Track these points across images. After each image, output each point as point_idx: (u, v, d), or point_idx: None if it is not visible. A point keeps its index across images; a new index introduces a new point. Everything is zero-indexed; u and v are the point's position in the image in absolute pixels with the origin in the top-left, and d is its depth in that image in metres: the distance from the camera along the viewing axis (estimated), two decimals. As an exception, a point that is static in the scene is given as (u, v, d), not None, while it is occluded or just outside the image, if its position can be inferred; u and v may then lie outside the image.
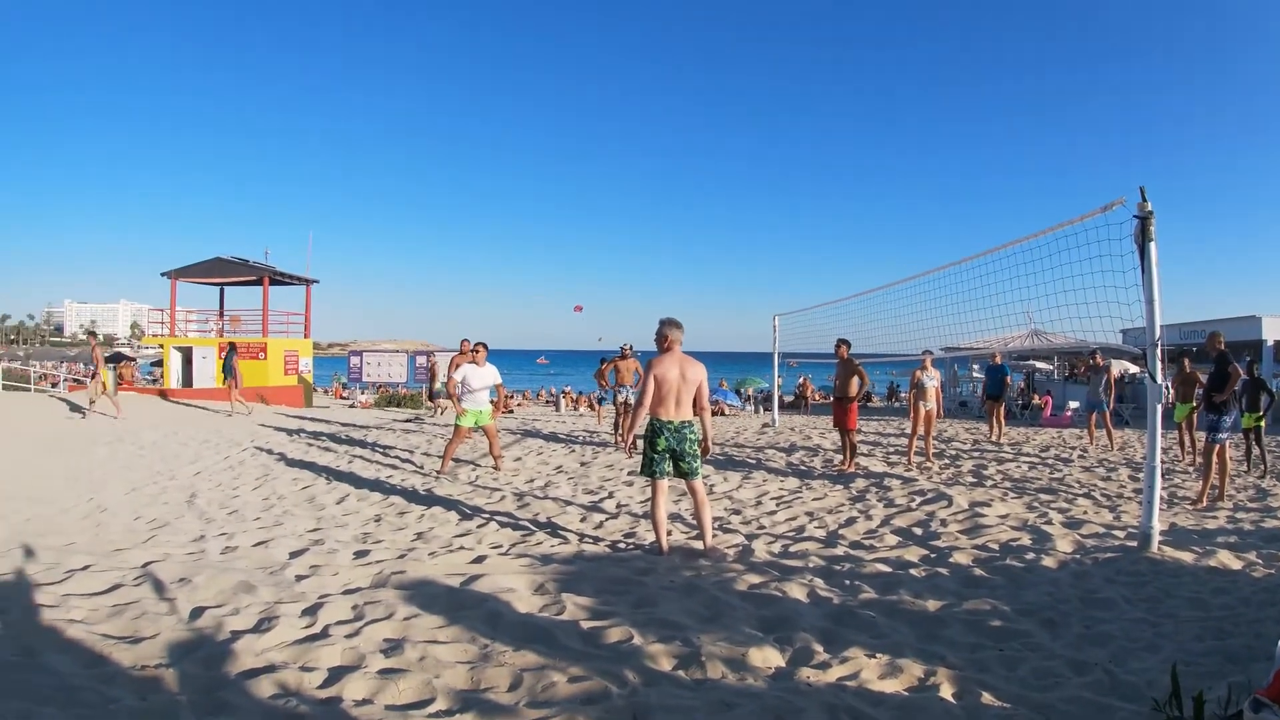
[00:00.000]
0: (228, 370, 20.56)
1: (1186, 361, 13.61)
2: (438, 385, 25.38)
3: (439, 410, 24.13)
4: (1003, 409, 16.96)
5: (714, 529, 7.04)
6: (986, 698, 3.80)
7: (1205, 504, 9.06)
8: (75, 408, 18.55)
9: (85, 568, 5.89)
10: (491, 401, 11.20)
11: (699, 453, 6.68)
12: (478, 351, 11.16)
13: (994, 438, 16.33)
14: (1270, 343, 23.74)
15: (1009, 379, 18.05)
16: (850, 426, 11.57)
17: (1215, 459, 9.19)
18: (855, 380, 11.78)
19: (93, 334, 22.42)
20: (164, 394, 26.16)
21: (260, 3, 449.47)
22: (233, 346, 21.72)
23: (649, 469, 6.67)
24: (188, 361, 28.70)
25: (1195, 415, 13.05)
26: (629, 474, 10.69)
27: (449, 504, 8.72)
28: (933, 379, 12.62)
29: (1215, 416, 9.23)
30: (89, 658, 4.13)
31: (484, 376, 11.04)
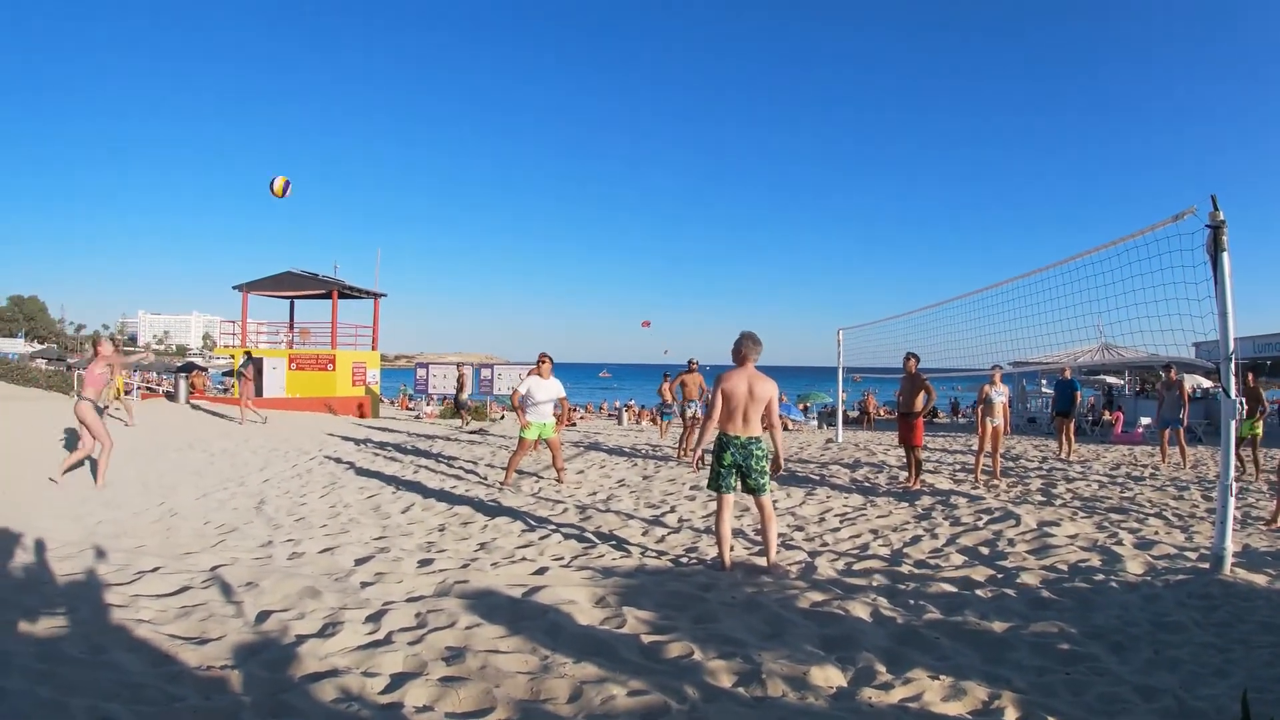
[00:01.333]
0: (239, 378, 20.82)
1: (1251, 375, 13.20)
2: (464, 396, 25.39)
3: (465, 422, 24.15)
4: (1072, 425, 16.61)
5: (777, 546, 6.99)
6: (1052, 723, 3.73)
7: None
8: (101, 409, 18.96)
9: (155, 570, 6.04)
10: (555, 415, 11.25)
11: (766, 469, 6.61)
12: (541, 364, 11.23)
13: (1063, 455, 16.04)
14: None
15: (1078, 394, 17.66)
16: (916, 443, 11.41)
17: None
18: (922, 395, 11.62)
19: (112, 339, 22.69)
20: (190, 402, 26.63)
21: (330, 19, 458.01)
22: (248, 355, 22.10)
23: (715, 483, 6.67)
24: (258, 372, 29.30)
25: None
26: (691, 488, 10.68)
27: (512, 515, 8.77)
28: (1001, 394, 12.42)
29: None
30: (156, 657, 4.23)
31: (548, 389, 11.11)
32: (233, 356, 30.70)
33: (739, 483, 6.60)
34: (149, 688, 3.76)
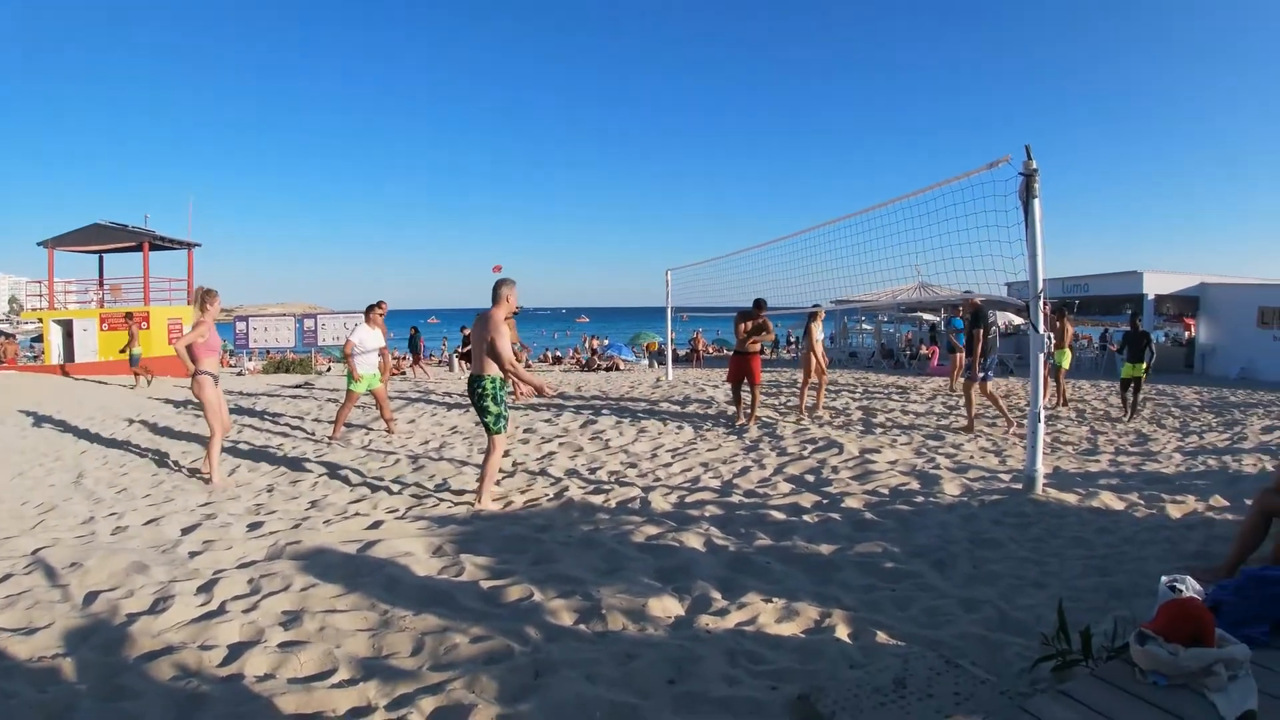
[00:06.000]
0: None
1: (1064, 313, 14.25)
2: (136, 350, 22.19)
3: (137, 381, 21.98)
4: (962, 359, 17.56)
5: (490, 490, 7.04)
6: (881, 636, 3.93)
7: (1014, 429, 10.70)
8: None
9: (-28, 560, 5.65)
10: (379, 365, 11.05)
11: (489, 408, 6.81)
12: (374, 311, 11.04)
13: (952, 387, 17.00)
14: (1151, 297, 24.86)
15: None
16: (756, 380, 11.65)
17: (979, 395, 10.85)
18: (762, 334, 11.85)
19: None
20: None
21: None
22: None
23: None
24: (69, 335, 27.52)
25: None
26: (525, 431, 10.70)
27: (342, 470, 8.58)
28: (821, 332, 12.99)
29: (973, 360, 10.80)
30: (-17, 653, 3.98)
31: (376, 338, 10.92)
32: (40, 321, 28.65)
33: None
34: (-20, 686, 3.55)
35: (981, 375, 10.87)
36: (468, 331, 22.00)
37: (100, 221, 28.64)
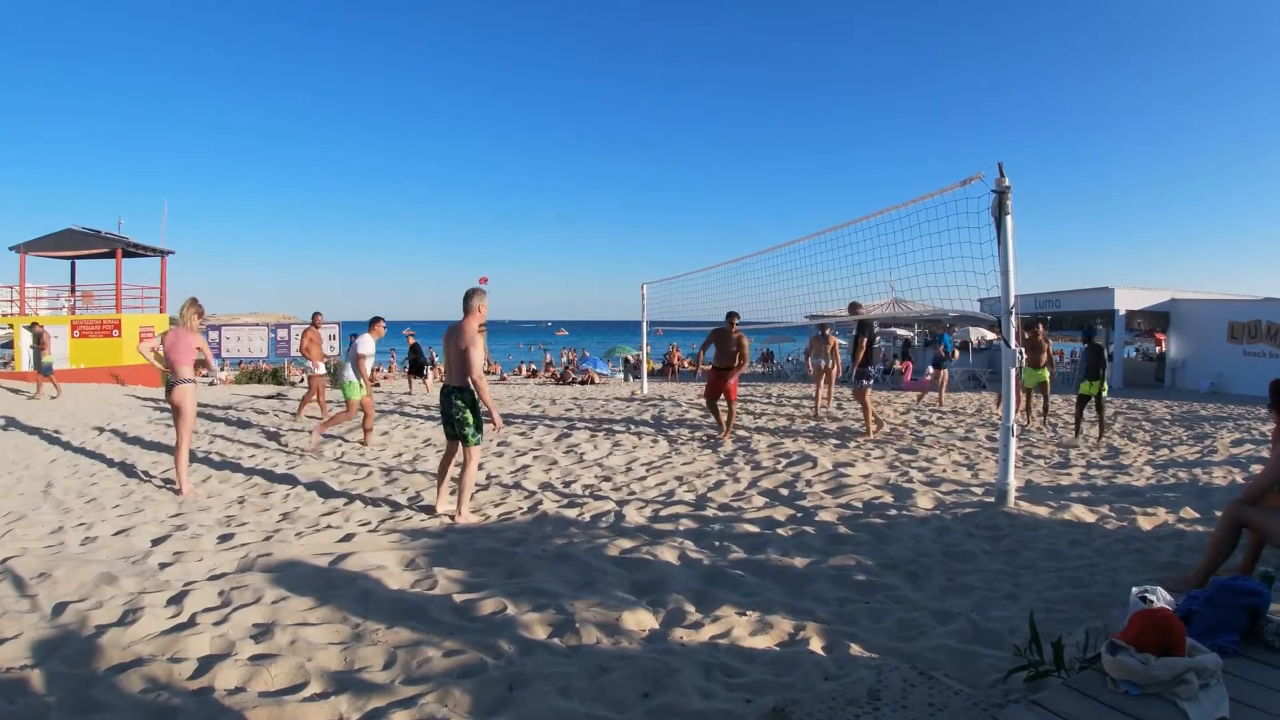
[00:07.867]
0: None
1: (1040, 328, 14.25)
2: (48, 359, 19.94)
3: (47, 390, 19.94)
4: (945, 374, 18.15)
5: (469, 501, 7.09)
6: (855, 649, 3.94)
7: (872, 436, 11.56)
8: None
9: (-61, 569, 5.55)
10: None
11: (467, 419, 6.85)
12: (378, 323, 11.15)
13: (926, 401, 17.59)
14: (1122, 312, 25.12)
15: (944, 348, 19.02)
16: (733, 396, 11.63)
17: (866, 399, 11.80)
18: (739, 352, 11.85)
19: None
20: None
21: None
22: None
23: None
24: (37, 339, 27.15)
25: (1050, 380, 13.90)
26: (500, 445, 10.66)
27: (315, 482, 8.52)
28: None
29: (861, 369, 11.75)
30: (-50, 666, 3.91)
31: (372, 348, 11.13)
32: (10, 326, 28.22)
33: (451, 429, 6.99)
34: (-53, 699, 3.49)
35: (866, 382, 11.79)
36: (415, 342, 22.69)
37: (73, 227, 28.27)
